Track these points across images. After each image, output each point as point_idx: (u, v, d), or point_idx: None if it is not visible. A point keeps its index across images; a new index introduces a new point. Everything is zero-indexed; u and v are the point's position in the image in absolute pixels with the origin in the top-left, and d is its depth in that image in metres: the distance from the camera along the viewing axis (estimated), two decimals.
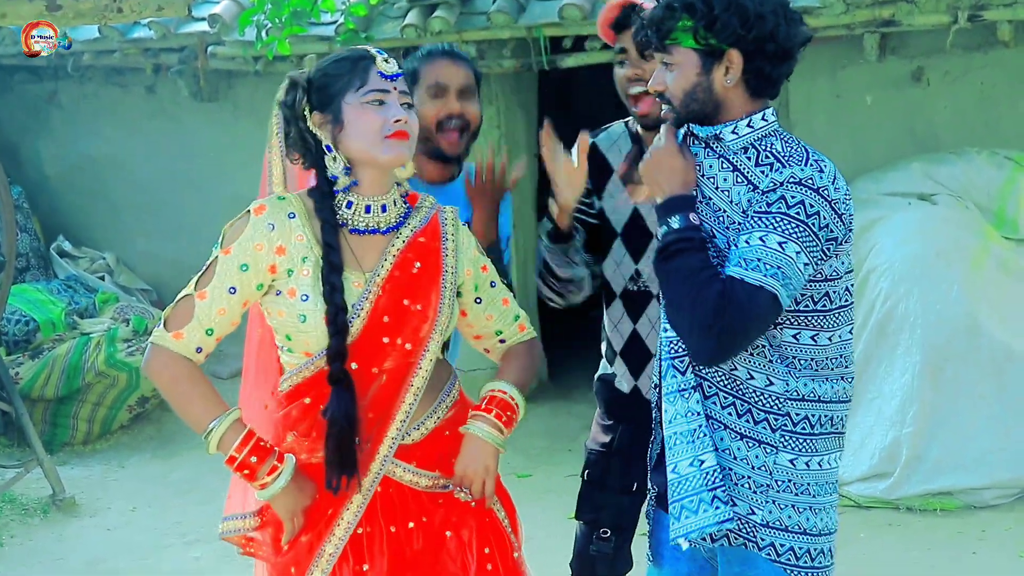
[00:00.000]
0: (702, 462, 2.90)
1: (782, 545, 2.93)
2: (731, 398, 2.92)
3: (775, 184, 2.81)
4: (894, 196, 6.72)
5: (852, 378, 3.01)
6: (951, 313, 6.21)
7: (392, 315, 2.95)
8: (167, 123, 8.98)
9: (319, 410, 2.93)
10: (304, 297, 2.91)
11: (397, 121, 2.89)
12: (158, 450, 7.97)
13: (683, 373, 2.93)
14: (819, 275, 2.88)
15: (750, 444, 2.92)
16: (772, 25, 2.86)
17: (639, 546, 3.79)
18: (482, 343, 3.25)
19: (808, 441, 2.93)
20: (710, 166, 2.94)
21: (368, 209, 2.98)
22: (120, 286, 9.04)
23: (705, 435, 2.90)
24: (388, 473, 3.01)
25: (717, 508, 2.88)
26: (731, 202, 2.89)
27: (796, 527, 2.94)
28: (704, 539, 2.94)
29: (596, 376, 3.92)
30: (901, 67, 7.08)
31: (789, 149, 2.89)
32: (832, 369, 2.95)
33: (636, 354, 3.72)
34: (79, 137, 9.34)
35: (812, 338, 2.91)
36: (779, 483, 2.92)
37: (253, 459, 2.91)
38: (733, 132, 2.92)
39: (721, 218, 2.90)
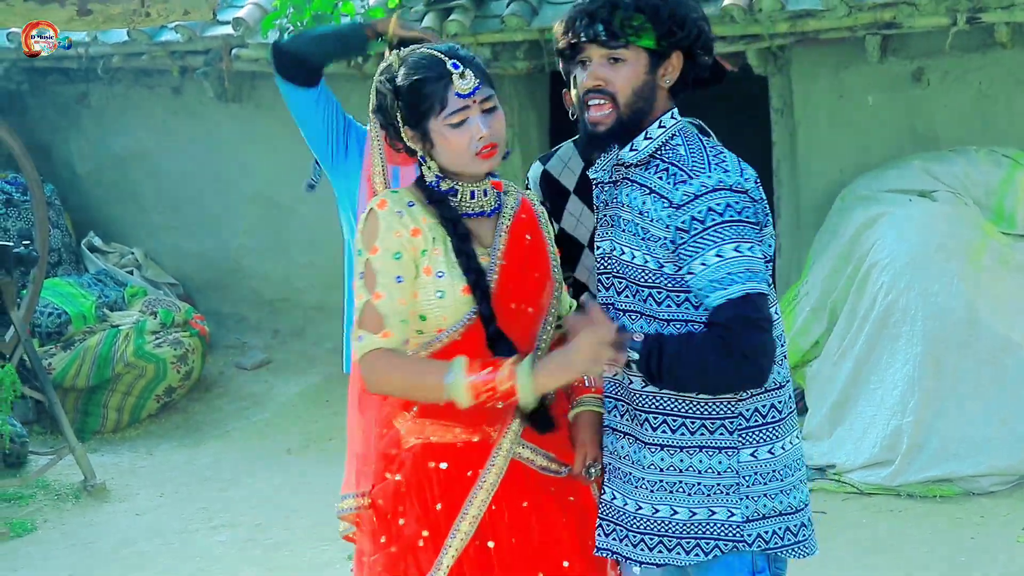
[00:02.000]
0: (656, 510, 2.94)
1: (767, 532, 2.91)
2: (679, 419, 2.91)
3: (690, 196, 2.80)
4: (895, 193, 6.70)
5: (786, 357, 2.99)
6: (951, 306, 6.19)
7: (517, 282, 2.99)
8: (193, 123, 8.98)
9: None
10: (440, 274, 2.92)
11: (481, 139, 2.90)
12: (184, 438, 7.98)
13: (620, 416, 2.98)
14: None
15: (710, 453, 2.90)
16: (702, 28, 2.91)
17: None
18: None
19: (763, 432, 2.92)
20: (634, 196, 2.90)
21: (473, 195, 3.00)
22: (148, 280, 9.05)
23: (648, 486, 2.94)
24: (514, 455, 3.00)
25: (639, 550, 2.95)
26: (651, 220, 2.86)
27: (773, 512, 2.92)
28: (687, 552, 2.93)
29: None
30: (902, 68, 7.04)
31: (691, 156, 2.87)
32: (780, 346, 2.93)
33: None
34: (109, 136, 9.34)
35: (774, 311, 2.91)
36: (747, 479, 2.91)
37: (486, 372, 2.83)
38: (632, 150, 2.92)
39: (645, 238, 2.87)
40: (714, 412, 2.90)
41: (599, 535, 3.03)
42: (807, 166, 7.33)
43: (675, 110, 2.96)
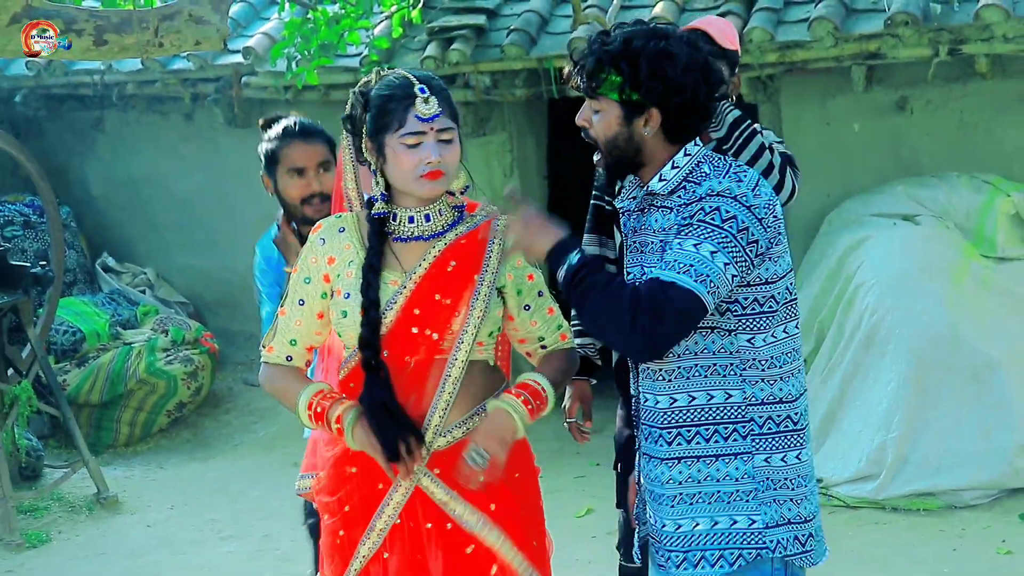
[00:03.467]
0: (678, 526, 2.96)
1: (784, 539, 2.93)
2: (693, 429, 2.92)
3: (697, 197, 2.84)
4: (880, 217, 6.72)
5: (802, 371, 3.01)
6: (934, 325, 6.21)
7: (423, 308, 3.00)
8: (204, 147, 9.01)
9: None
10: (346, 295, 3.04)
11: (429, 163, 2.94)
12: (195, 452, 7.99)
13: (669, 443, 2.96)
14: (758, 279, 2.87)
15: (727, 460, 2.91)
16: (692, 90, 2.88)
17: None
18: (525, 347, 3.24)
19: (777, 439, 2.94)
20: (664, 220, 2.92)
21: (411, 219, 3.04)
22: (160, 299, 9.07)
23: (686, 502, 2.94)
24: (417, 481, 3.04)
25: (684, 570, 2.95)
26: (668, 231, 2.90)
27: (783, 519, 2.93)
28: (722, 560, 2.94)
29: (613, 364, 3.94)
30: (886, 97, 7.07)
31: (714, 169, 2.90)
32: (789, 364, 2.95)
33: None
34: (123, 160, 9.36)
35: (765, 339, 2.90)
36: (762, 484, 2.92)
37: (325, 403, 3.04)
38: (660, 180, 2.93)
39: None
40: (726, 417, 2.91)
41: (654, 567, 3.03)
42: None
43: (688, 146, 2.95)
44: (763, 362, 2.91)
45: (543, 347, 3.21)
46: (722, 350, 2.89)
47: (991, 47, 6.47)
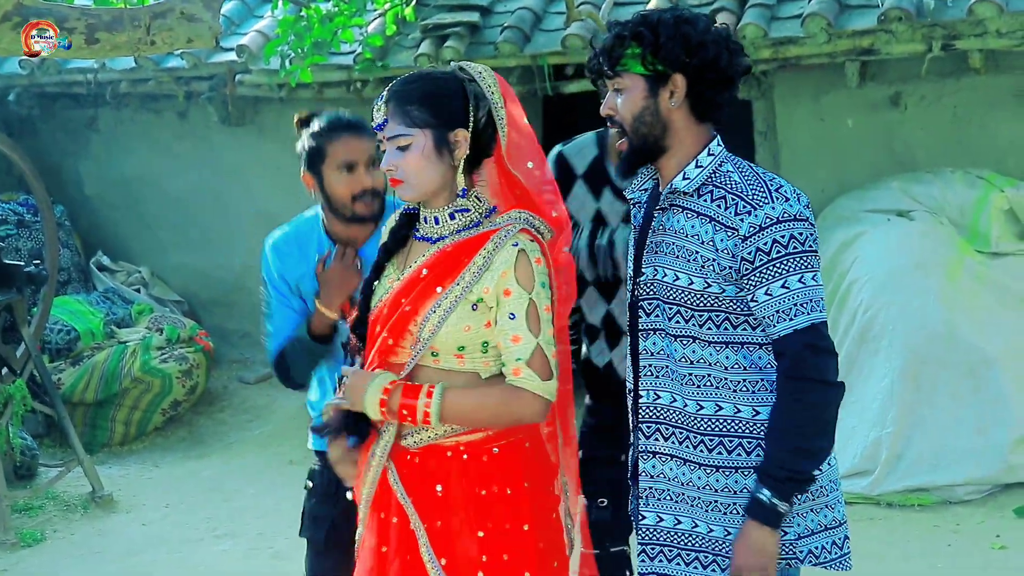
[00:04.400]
0: (678, 521, 2.95)
1: (817, 547, 2.92)
2: (736, 440, 2.90)
3: (756, 228, 2.80)
4: (874, 213, 6.72)
5: None
6: (928, 321, 6.21)
7: (391, 310, 2.97)
8: (198, 146, 9.00)
9: None
10: None
11: (389, 170, 2.94)
12: (189, 451, 7.98)
13: (665, 439, 2.95)
14: None
15: (749, 474, 2.89)
16: (714, 53, 2.86)
17: None
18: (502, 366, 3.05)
19: None
20: (688, 224, 2.89)
21: (429, 219, 3.02)
22: (154, 298, 9.05)
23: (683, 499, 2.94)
24: (384, 469, 3.03)
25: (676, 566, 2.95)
26: (717, 250, 2.85)
27: (820, 526, 2.93)
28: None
29: (581, 359, 3.92)
30: (880, 92, 7.07)
31: (748, 184, 2.85)
32: None
33: (611, 330, 3.72)
34: (116, 159, 9.34)
35: None
36: (798, 496, 2.88)
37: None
38: (684, 178, 2.91)
39: (703, 263, 2.86)
40: (748, 431, 2.90)
41: (643, 560, 2.99)
42: None
43: (712, 144, 2.92)
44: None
45: (502, 374, 2.96)
46: (740, 364, 2.89)
47: (984, 42, 6.48)
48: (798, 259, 2.81)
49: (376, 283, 3.06)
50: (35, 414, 7.36)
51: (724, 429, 2.90)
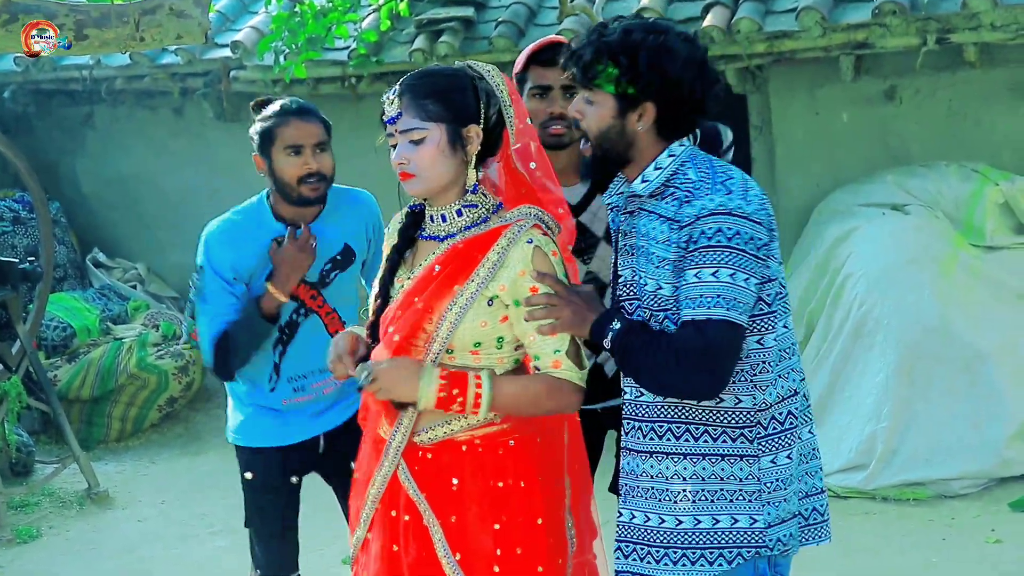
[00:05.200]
0: (647, 518, 2.95)
1: (786, 535, 2.92)
2: (701, 427, 2.90)
3: (691, 218, 2.79)
4: (869, 207, 6.71)
5: (800, 364, 3.02)
6: (923, 315, 6.19)
7: (403, 310, 2.97)
8: (193, 142, 8.98)
9: None
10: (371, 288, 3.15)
11: (400, 164, 2.94)
12: (186, 447, 7.97)
13: (644, 436, 2.95)
14: (763, 277, 2.84)
15: (732, 460, 2.90)
16: (688, 87, 2.86)
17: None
18: (531, 363, 3.07)
19: (781, 438, 2.93)
20: (650, 226, 2.89)
21: (431, 219, 3.03)
22: (151, 294, 9.04)
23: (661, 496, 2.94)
24: (395, 469, 3.02)
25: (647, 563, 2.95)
26: (660, 244, 2.85)
27: (790, 514, 2.93)
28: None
29: None
30: (875, 86, 7.06)
31: (701, 180, 2.85)
32: (789, 357, 2.95)
33: None
34: (112, 156, 9.33)
35: (775, 338, 2.89)
36: (768, 485, 2.90)
37: None
38: (643, 181, 2.91)
39: (658, 264, 2.86)
40: (735, 422, 2.89)
41: (618, 558, 2.98)
42: (785, 181, 7.35)
43: (673, 146, 2.92)
44: (771, 363, 2.89)
45: (536, 368, 3.00)
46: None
47: (979, 36, 6.46)
48: (718, 253, 2.75)
49: (391, 284, 3.06)
50: (31, 411, 7.35)
51: (691, 417, 2.90)
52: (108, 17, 3.94)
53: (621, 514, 2.99)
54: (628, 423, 2.99)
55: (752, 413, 2.90)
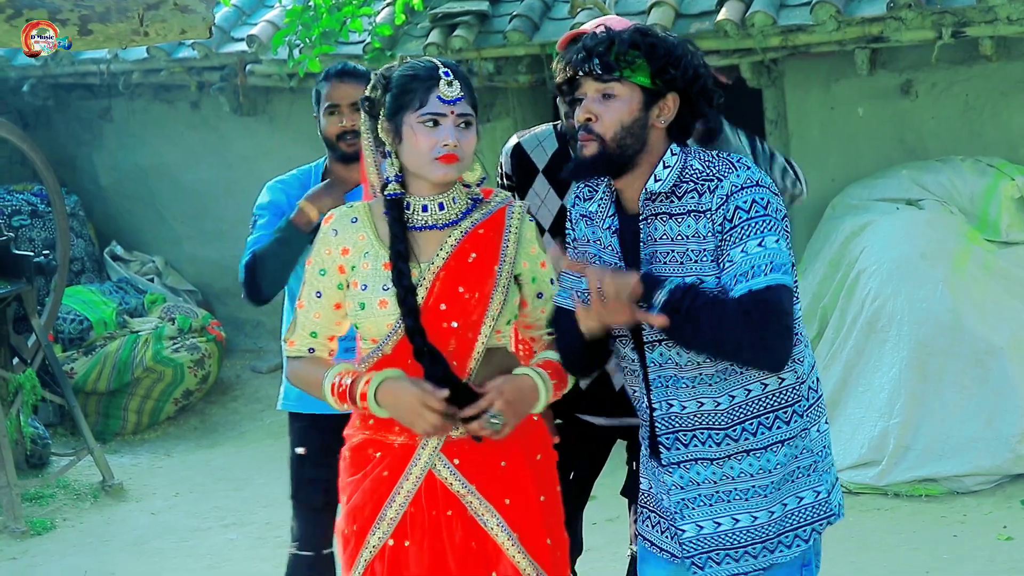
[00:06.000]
0: (717, 524, 2.92)
1: (839, 500, 3.00)
2: (755, 422, 2.89)
3: (722, 199, 2.80)
4: (884, 201, 6.68)
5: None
6: (936, 311, 6.16)
7: (448, 302, 2.96)
8: (210, 136, 9.02)
9: None
10: (363, 287, 2.99)
11: (446, 145, 2.91)
12: (201, 440, 8.00)
13: (701, 444, 2.90)
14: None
15: (791, 443, 2.91)
16: (704, 81, 2.89)
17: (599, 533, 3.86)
18: (531, 332, 3.21)
19: (817, 408, 2.99)
20: (675, 228, 2.87)
21: (424, 208, 3.01)
22: (168, 287, 9.08)
23: (720, 500, 2.92)
24: (431, 467, 3.01)
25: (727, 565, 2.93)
26: (701, 237, 2.84)
27: (835, 480, 3.02)
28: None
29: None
30: (890, 80, 7.02)
31: (710, 166, 2.86)
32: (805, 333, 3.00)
33: None
34: (130, 149, 9.38)
35: (799, 306, 2.92)
36: (819, 454, 2.97)
37: (348, 380, 2.99)
38: (655, 180, 2.89)
39: (696, 259, 2.84)
40: (784, 401, 2.90)
41: (695, 572, 2.96)
42: None
43: (672, 145, 2.92)
44: (801, 334, 2.93)
45: (550, 333, 3.15)
46: None
47: (995, 29, 6.41)
48: (759, 222, 2.77)
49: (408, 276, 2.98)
50: (47, 403, 7.40)
51: (743, 415, 2.88)
52: (112, 12, 3.95)
53: (685, 530, 2.94)
54: (669, 438, 2.93)
55: (796, 388, 2.91)
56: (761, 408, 2.89)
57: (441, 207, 3.01)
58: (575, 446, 3.66)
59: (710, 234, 2.82)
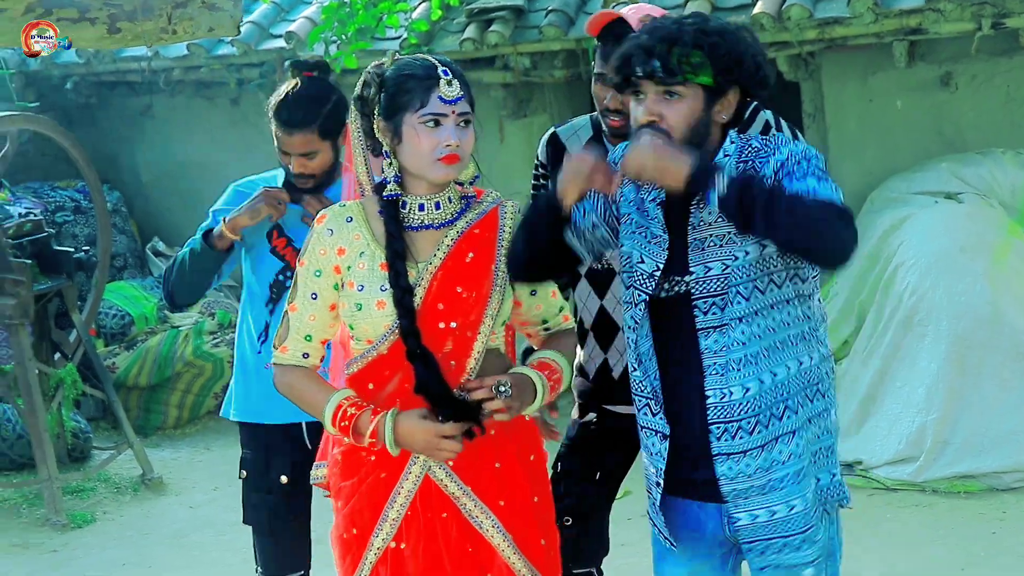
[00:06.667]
0: (773, 512, 2.90)
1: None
2: (795, 400, 2.89)
3: (778, 164, 2.80)
4: (922, 195, 6.63)
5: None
6: (975, 304, 6.10)
7: (446, 302, 2.95)
8: (250, 132, 9.03)
9: (379, 393, 2.99)
10: (360, 287, 2.96)
11: (448, 146, 2.89)
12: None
13: (744, 434, 2.88)
14: None
15: (816, 422, 2.93)
16: (764, 69, 2.88)
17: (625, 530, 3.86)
18: (527, 329, 3.21)
19: (832, 391, 3.00)
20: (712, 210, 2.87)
21: (421, 207, 2.99)
22: None
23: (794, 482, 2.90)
24: (429, 470, 3.00)
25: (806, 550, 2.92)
26: None
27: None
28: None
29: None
30: (929, 72, 6.95)
31: (767, 143, 2.89)
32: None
33: (604, 328, 3.64)
34: (171, 146, 9.44)
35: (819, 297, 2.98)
36: (836, 436, 3.00)
37: (351, 410, 2.95)
38: (725, 155, 2.89)
39: None
40: (813, 379, 2.91)
41: (753, 559, 2.95)
42: (838, 169, 7.24)
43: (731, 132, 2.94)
44: (824, 315, 2.97)
45: (546, 330, 3.19)
46: (802, 315, 2.91)
47: None
48: (816, 171, 2.78)
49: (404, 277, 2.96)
50: (89, 397, 7.47)
51: (790, 391, 2.88)
52: (141, 10, 3.98)
53: (739, 519, 2.91)
54: (719, 427, 2.89)
55: (820, 366, 2.92)
56: (795, 387, 2.88)
57: (437, 206, 2.99)
58: (604, 443, 3.65)
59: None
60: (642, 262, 2.92)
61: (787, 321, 2.88)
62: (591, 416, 3.70)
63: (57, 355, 7.12)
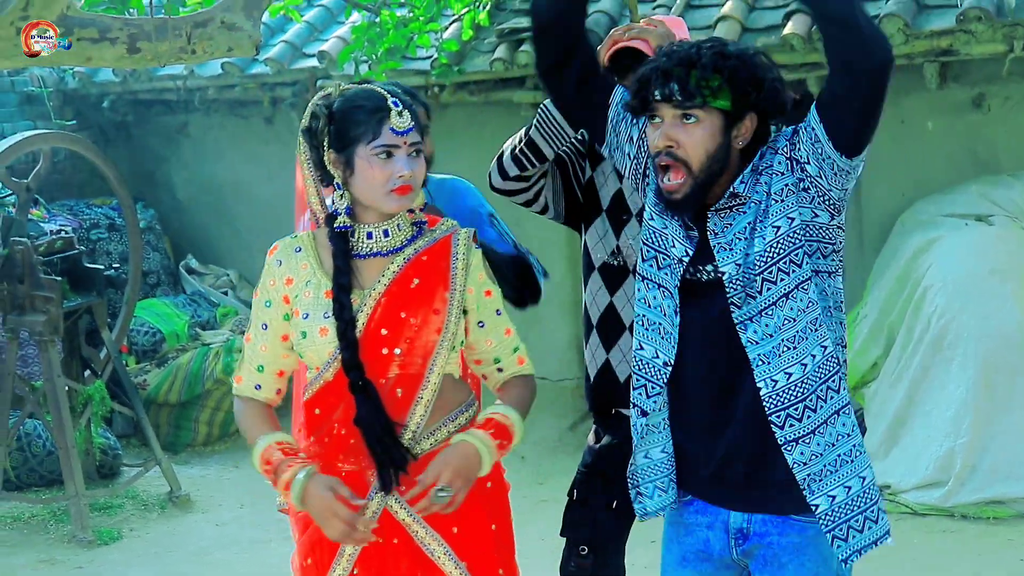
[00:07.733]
0: (848, 488, 2.88)
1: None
2: (836, 381, 2.86)
3: (787, 137, 2.87)
4: (953, 217, 6.56)
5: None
6: (1004, 328, 6.05)
7: (389, 327, 2.93)
8: (283, 150, 9.07)
9: (329, 420, 2.97)
10: (304, 315, 2.95)
11: (401, 176, 2.89)
12: None
13: (807, 419, 2.85)
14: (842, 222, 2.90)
15: (847, 411, 2.88)
16: (782, 94, 2.87)
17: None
18: (481, 368, 3.15)
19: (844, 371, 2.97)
20: (739, 220, 2.89)
21: (370, 235, 2.98)
22: (242, 300, 9.17)
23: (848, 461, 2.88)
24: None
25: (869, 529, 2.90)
26: (783, 182, 2.87)
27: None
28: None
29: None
30: (962, 94, 6.89)
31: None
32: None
33: (610, 326, 3.64)
34: (206, 164, 9.51)
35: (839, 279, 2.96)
36: (853, 437, 2.92)
37: (277, 455, 2.95)
38: (741, 182, 2.90)
39: (798, 201, 2.85)
40: (835, 366, 2.87)
41: (839, 544, 2.90)
42: (869, 190, 7.20)
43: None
44: (843, 302, 2.96)
45: (499, 370, 3.13)
46: (824, 293, 2.89)
47: None
48: None
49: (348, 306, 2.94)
50: (117, 414, 7.51)
51: (828, 370, 2.85)
52: (162, 30, 4.01)
53: (818, 506, 2.88)
54: (780, 416, 2.86)
55: (840, 352, 2.90)
56: (829, 368, 2.85)
57: (386, 234, 2.98)
58: (620, 471, 3.62)
59: (786, 169, 2.84)
60: (674, 246, 2.93)
61: (810, 302, 2.84)
62: (607, 440, 3.67)
63: (87, 372, 7.16)
